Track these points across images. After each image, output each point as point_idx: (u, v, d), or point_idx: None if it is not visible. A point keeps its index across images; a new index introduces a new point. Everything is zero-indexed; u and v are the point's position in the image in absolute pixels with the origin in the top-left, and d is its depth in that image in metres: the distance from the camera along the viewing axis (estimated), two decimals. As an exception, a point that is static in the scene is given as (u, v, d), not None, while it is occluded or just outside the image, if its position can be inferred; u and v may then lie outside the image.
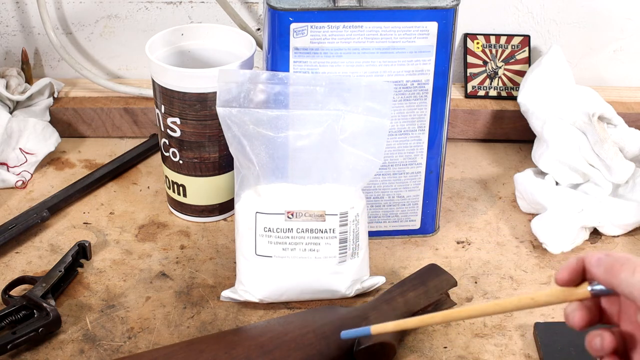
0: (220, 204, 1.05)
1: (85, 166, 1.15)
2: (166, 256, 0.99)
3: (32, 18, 1.22)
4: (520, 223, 1.06)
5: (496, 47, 1.22)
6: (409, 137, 0.97)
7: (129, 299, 0.93)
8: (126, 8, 1.22)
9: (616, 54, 1.25)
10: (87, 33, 1.24)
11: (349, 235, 0.90)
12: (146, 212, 1.07)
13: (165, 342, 0.87)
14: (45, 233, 1.03)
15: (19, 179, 1.10)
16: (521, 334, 0.89)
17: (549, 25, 1.23)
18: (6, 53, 1.25)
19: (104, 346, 0.87)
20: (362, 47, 0.91)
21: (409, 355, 0.87)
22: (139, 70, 1.26)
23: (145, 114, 1.20)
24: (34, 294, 0.89)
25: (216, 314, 0.91)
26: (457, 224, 1.06)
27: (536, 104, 1.11)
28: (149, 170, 1.15)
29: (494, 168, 1.17)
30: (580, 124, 1.06)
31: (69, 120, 1.20)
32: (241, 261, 0.92)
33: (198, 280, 0.96)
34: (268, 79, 0.90)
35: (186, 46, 1.06)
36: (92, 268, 0.97)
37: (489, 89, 1.22)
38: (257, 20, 1.22)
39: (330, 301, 0.93)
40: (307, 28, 0.90)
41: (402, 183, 1.00)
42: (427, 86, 0.94)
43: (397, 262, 0.99)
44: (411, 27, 0.91)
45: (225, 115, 0.90)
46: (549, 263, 0.99)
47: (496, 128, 1.21)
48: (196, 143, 1.00)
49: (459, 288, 0.95)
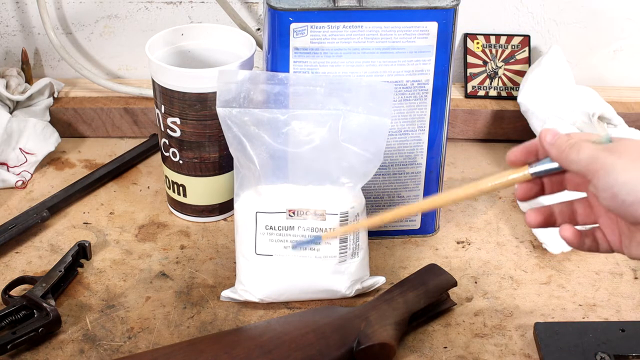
0: (220, 204, 1.05)
1: (85, 166, 1.15)
2: (166, 256, 0.99)
3: (32, 18, 1.22)
4: (520, 223, 1.06)
5: (496, 47, 1.22)
6: (409, 137, 0.97)
7: (129, 299, 0.93)
8: (126, 8, 1.22)
9: (616, 54, 1.25)
10: (87, 33, 1.24)
11: (349, 235, 0.90)
12: (146, 212, 1.07)
13: (165, 342, 0.87)
14: (45, 233, 1.03)
15: (19, 179, 1.10)
16: (521, 334, 0.89)
17: (549, 25, 1.23)
18: (6, 53, 1.25)
19: (104, 346, 0.87)
20: (362, 47, 0.91)
21: (409, 355, 0.87)
22: (139, 70, 1.26)
23: (145, 114, 1.20)
24: (34, 294, 0.89)
25: (216, 314, 0.91)
26: (457, 224, 1.06)
27: (536, 104, 1.11)
28: (149, 170, 1.15)
29: (494, 168, 1.17)
30: (580, 124, 1.06)
31: (69, 120, 1.20)
32: (241, 261, 0.92)
33: (198, 280, 0.96)
34: (268, 79, 0.90)
35: (186, 46, 1.06)
36: (92, 268, 0.97)
37: (489, 89, 1.22)
38: (257, 20, 1.22)
39: (330, 301, 0.93)
40: (307, 28, 0.90)
41: (402, 183, 1.00)
42: (427, 86, 0.94)
43: (397, 262, 0.99)
44: (411, 27, 0.91)
45: (225, 116, 0.90)
46: (549, 263, 0.99)
47: (496, 128, 1.21)
48: (196, 143, 1.00)
49: (459, 288, 0.95)
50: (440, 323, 0.91)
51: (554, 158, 0.69)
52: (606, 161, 0.65)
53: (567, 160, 0.68)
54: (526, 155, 0.72)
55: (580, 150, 0.67)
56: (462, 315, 0.92)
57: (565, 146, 0.68)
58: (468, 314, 0.92)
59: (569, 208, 0.74)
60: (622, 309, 0.93)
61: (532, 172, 0.71)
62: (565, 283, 0.96)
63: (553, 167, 0.70)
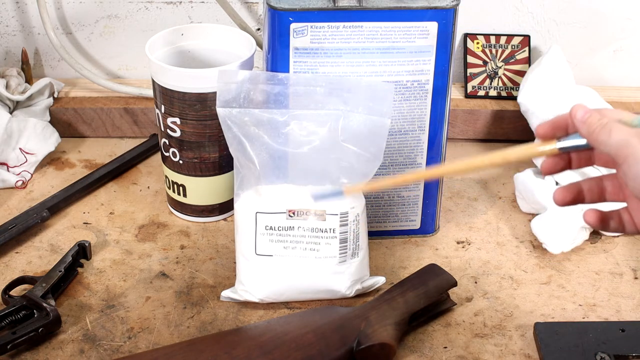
0: (220, 204, 1.05)
1: (85, 166, 1.15)
2: (166, 256, 0.99)
3: (32, 18, 1.22)
4: (520, 223, 1.06)
5: (496, 47, 1.22)
6: (409, 137, 0.97)
7: (129, 299, 0.93)
8: (126, 8, 1.22)
9: (616, 54, 1.25)
10: (87, 33, 1.24)
11: (349, 235, 0.91)
12: (146, 212, 1.07)
13: (165, 342, 0.87)
14: (45, 233, 1.03)
15: (19, 179, 1.10)
16: (521, 334, 0.89)
17: (549, 25, 1.23)
18: (6, 53, 1.25)
19: (104, 346, 0.87)
20: (362, 47, 0.91)
21: (409, 355, 0.87)
22: (139, 70, 1.26)
23: (145, 114, 1.20)
24: (34, 294, 0.89)
25: (216, 314, 0.91)
26: (457, 224, 1.06)
27: (536, 104, 1.11)
28: (149, 170, 1.15)
29: (494, 168, 1.17)
30: (580, 124, 1.06)
31: (69, 120, 1.20)
32: (241, 261, 0.92)
33: (198, 280, 0.96)
34: (268, 79, 0.90)
35: (186, 46, 1.06)
36: (92, 268, 0.97)
37: (489, 89, 1.22)
38: (257, 20, 1.22)
39: (330, 301, 0.93)
40: (307, 28, 0.90)
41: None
42: (427, 86, 0.94)
43: (397, 262, 0.99)
44: (411, 27, 0.91)
45: (225, 116, 0.90)
46: (549, 263, 0.99)
47: (496, 128, 1.21)
48: (196, 143, 1.00)
49: (459, 288, 0.95)
50: (440, 323, 0.91)
51: (584, 136, 0.67)
52: (638, 147, 0.63)
53: (597, 140, 0.66)
54: (555, 129, 0.70)
55: (612, 131, 0.65)
56: (462, 315, 0.92)
57: (596, 125, 0.66)
58: (468, 314, 0.92)
59: (598, 185, 0.72)
60: (622, 309, 0.93)
61: (560, 146, 0.70)
62: (565, 283, 0.96)
63: (582, 143, 0.68)
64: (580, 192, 0.73)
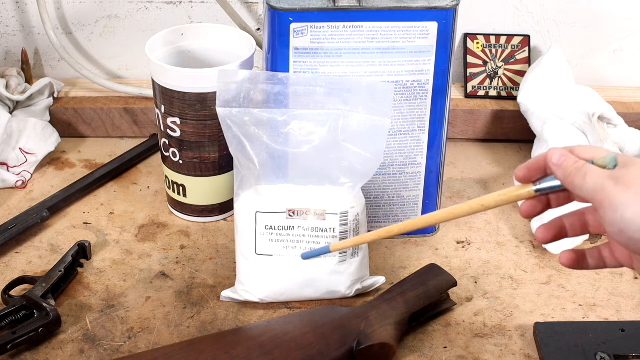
0: (220, 204, 1.05)
1: (85, 166, 1.15)
2: (166, 256, 0.99)
3: (32, 18, 1.22)
4: (520, 223, 1.06)
5: (496, 47, 1.22)
6: (409, 137, 0.97)
7: (129, 299, 0.93)
8: (126, 8, 1.22)
9: (616, 54, 1.25)
10: (87, 33, 1.24)
11: (349, 235, 0.90)
12: (146, 212, 1.07)
13: (165, 342, 0.87)
14: (45, 233, 1.03)
15: (19, 179, 1.10)
16: (521, 334, 0.89)
17: (549, 25, 1.23)
18: (6, 53, 1.25)
19: (104, 346, 0.87)
20: (362, 47, 0.91)
21: (409, 355, 0.87)
22: (139, 70, 1.26)
23: (145, 114, 1.20)
24: (34, 294, 0.89)
25: (216, 314, 0.91)
26: (457, 224, 1.06)
27: (536, 104, 1.11)
28: (149, 170, 1.15)
29: (494, 168, 1.17)
30: (580, 124, 1.06)
31: (69, 120, 1.20)
32: (241, 261, 0.92)
33: (198, 280, 0.96)
34: (268, 79, 0.90)
35: (186, 46, 1.06)
36: (92, 268, 0.97)
37: (489, 89, 1.22)
38: (257, 20, 1.22)
39: (330, 301, 0.93)
40: (307, 28, 0.90)
41: (402, 183, 1.00)
42: (427, 86, 0.94)
43: (397, 262, 0.99)
44: (411, 27, 0.91)
45: (225, 116, 0.90)
46: (549, 263, 0.99)
47: (496, 128, 1.21)
48: (196, 143, 1.00)
49: (459, 288, 0.95)
50: (440, 323, 0.91)
51: (560, 180, 0.68)
52: (612, 193, 0.62)
53: (573, 184, 0.66)
54: (532, 172, 0.70)
55: (586, 175, 0.65)
56: (462, 315, 0.92)
57: (572, 169, 0.66)
58: (468, 314, 0.92)
59: (580, 220, 0.73)
60: (622, 309, 0.93)
61: (536, 189, 0.70)
62: (565, 283, 0.96)
63: (558, 184, 0.69)
64: (562, 228, 0.73)
